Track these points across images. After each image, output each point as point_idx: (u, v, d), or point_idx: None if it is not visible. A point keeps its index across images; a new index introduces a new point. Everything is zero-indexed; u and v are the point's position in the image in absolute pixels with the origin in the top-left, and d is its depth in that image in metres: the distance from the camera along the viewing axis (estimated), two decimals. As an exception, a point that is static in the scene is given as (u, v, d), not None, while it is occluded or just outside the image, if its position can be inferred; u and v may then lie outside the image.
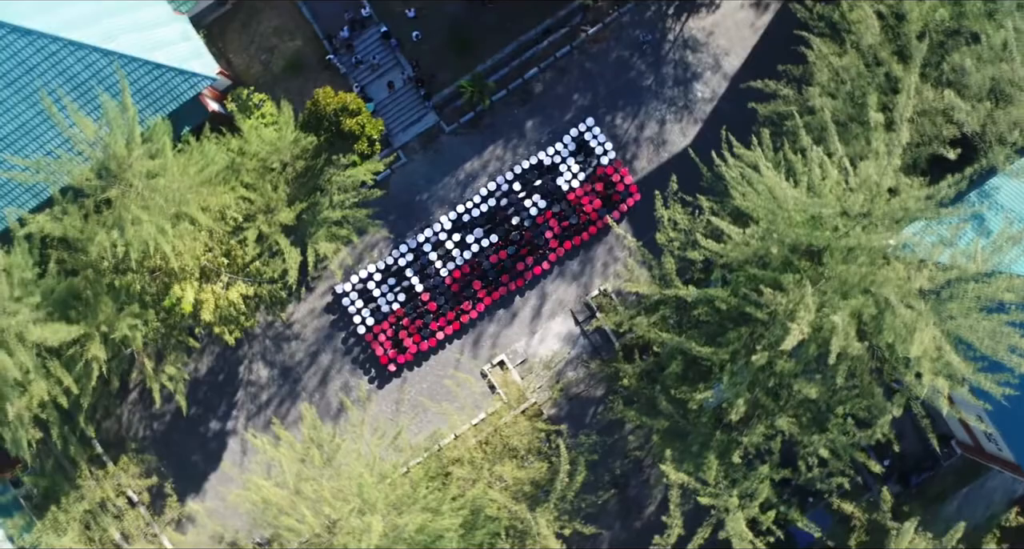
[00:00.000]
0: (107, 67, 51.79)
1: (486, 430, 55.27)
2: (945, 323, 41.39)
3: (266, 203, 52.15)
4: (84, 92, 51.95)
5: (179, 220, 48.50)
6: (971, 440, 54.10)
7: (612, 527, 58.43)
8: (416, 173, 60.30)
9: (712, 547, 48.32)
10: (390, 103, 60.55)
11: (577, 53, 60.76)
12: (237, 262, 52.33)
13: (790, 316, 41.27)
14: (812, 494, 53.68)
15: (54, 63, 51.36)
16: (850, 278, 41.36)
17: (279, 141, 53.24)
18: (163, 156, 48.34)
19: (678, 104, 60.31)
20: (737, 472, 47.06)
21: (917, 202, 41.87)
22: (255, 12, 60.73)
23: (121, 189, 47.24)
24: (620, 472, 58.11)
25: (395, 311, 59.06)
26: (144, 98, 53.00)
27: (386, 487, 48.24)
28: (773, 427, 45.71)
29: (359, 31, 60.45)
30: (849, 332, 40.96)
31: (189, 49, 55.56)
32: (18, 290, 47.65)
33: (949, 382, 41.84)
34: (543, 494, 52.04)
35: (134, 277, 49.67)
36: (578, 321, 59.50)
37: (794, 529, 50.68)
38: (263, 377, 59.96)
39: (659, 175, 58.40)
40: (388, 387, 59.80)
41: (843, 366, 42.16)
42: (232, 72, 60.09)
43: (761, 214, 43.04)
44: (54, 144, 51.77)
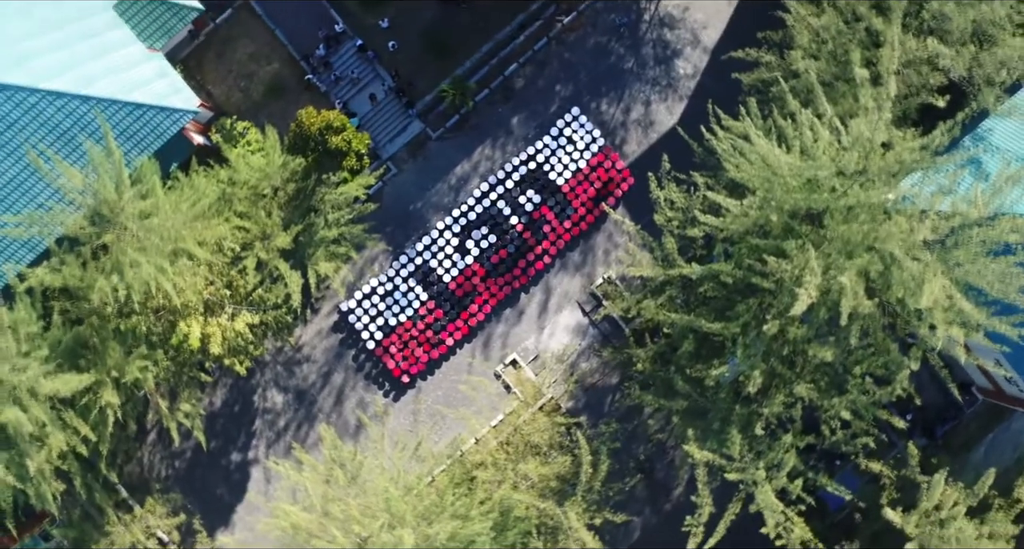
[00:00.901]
0: (88, 113, 49.86)
1: (506, 430, 53.40)
2: (953, 271, 39.70)
3: (262, 230, 50.43)
4: (68, 141, 49.96)
5: (177, 257, 46.80)
6: (991, 385, 52.27)
7: (642, 512, 56.58)
8: (408, 183, 58.43)
9: (744, 521, 46.26)
10: (374, 116, 58.66)
11: (555, 44, 58.95)
12: (239, 292, 50.55)
13: (797, 282, 39.60)
14: (838, 457, 51.93)
15: (35, 115, 49.39)
16: (853, 237, 39.69)
17: (268, 167, 51.57)
18: (154, 195, 46.76)
19: (661, 83, 58.44)
20: (761, 444, 45.15)
21: (912, 153, 40.09)
22: (229, 41, 58.88)
23: (116, 233, 45.66)
24: (644, 457, 56.32)
25: (403, 323, 57.18)
26: (128, 139, 51.12)
27: (413, 499, 46.49)
28: (792, 395, 43.88)
29: (335, 47, 58.55)
30: (858, 291, 39.35)
31: (167, 85, 53.53)
32: (25, 345, 45.74)
33: (964, 330, 40.14)
34: (570, 488, 50.31)
35: (139, 319, 47.86)
36: (585, 312, 57.64)
37: (824, 494, 48.98)
38: (278, 403, 58.07)
39: (650, 156, 56.41)
40: (404, 399, 57.90)
41: (855, 326, 40.40)
42: (213, 103, 58.18)
43: (757, 183, 41.26)
44: (44, 196, 49.73)
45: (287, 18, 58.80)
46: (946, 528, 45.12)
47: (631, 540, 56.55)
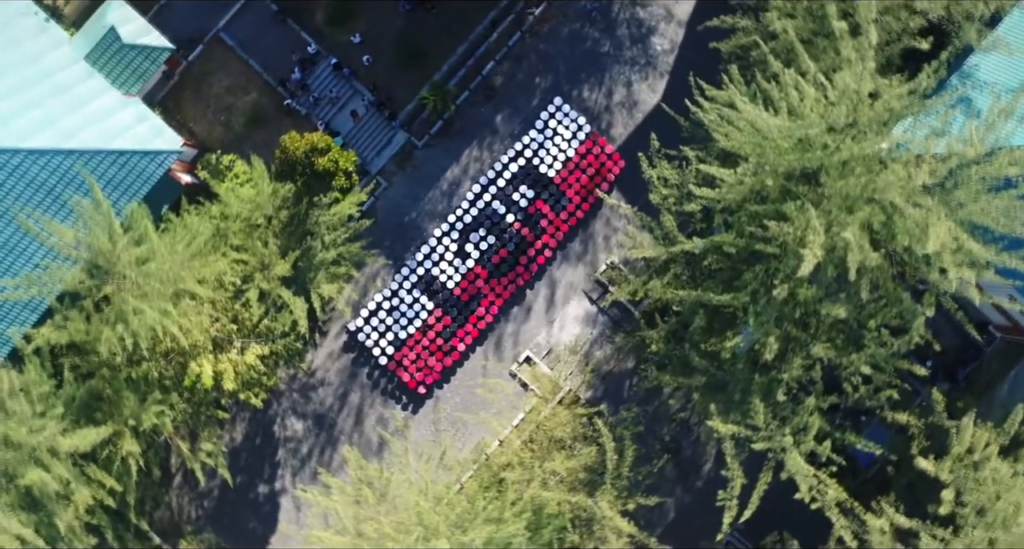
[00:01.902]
0: (72, 167, 47.95)
1: (528, 429, 51.34)
2: (956, 213, 37.56)
3: (260, 260, 48.38)
4: (56, 197, 47.90)
5: (179, 298, 45.04)
6: (1008, 321, 49.93)
7: (674, 492, 54.34)
8: (400, 194, 56.13)
9: (777, 489, 44.00)
10: (357, 132, 56.36)
11: (529, 37, 56.58)
12: (246, 325, 48.42)
13: (800, 243, 37.64)
14: (864, 413, 49.76)
15: (20, 176, 47.39)
16: (851, 191, 37.71)
17: (258, 197, 49.50)
18: (148, 240, 44.95)
19: (640, 62, 56.02)
20: (784, 410, 42.95)
21: (900, 99, 38.04)
22: (204, 76, 56.63)
23: (115, 283, 43.91)
24: (669, 437, 54.07)
25: (412, 334, 54.83)
26: (116, 187, 49.06)
27: (444, 508, 44.48)
28: (810, 357, 41.72)
29: (310, 69, 56.27)
30: (863, 245, 37.34)
31: (148, 129, 51.50)
32: (39, 406, 43.86)
33: (974, 270, 37.99)
34: (599, 477, 48.25)
35: (149, 365, 45.84)
36: (593, 300, 55.27)
37: (854, 451, 46.85)
38: (299, 430, 55.72)
39: (638, 137, 53.98)
40: (423, 410, 55.56)
41: (865, 280, 38.41)
42: (196, 140, 55.90)
43: (748, 150, 39.14)
44: (40, 256, 47.66)
45: (259, 46, 56.58)
46: (980, 470, 42.85)
47: (666, 521, 54.28)
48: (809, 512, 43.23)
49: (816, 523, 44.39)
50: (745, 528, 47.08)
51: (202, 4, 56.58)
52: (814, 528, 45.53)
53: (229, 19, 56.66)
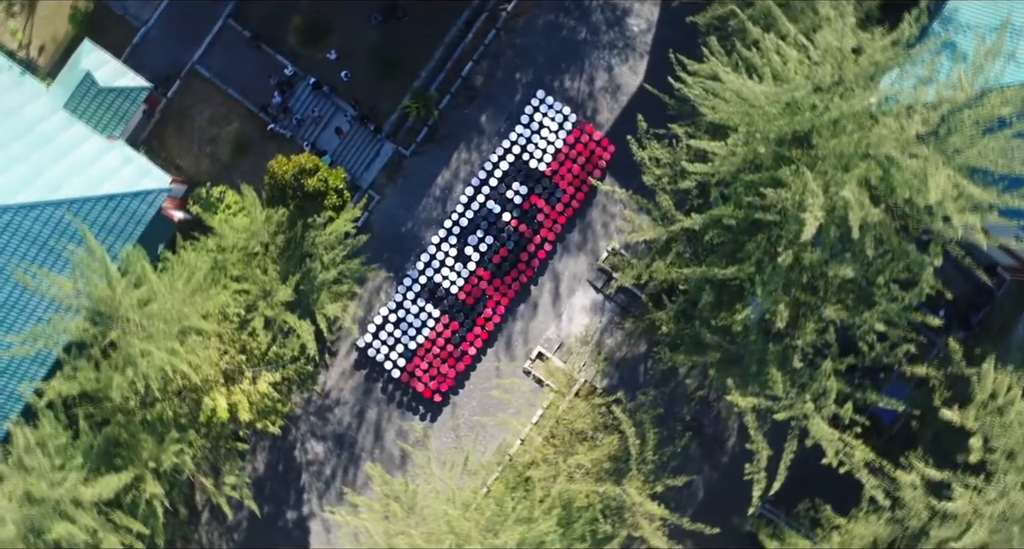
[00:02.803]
0: (63, 217, 45.93)
1: (548, 424, 49.15)
2: (953, 159, 35.76)
3: (261, 288, 46.36)
4: (51, 248, 45.95)
5: (185, 336, 43.16)
6: (1016, 262, 47.90)
7: (701, 470, 52.27)
8: (393, 206, 54.02)
9: (804, 457, 42.06)
10: (344, 149, 54.29)
11: (504, 33, 54.35)
12: (255, 354, 46.47)
13: (800, 207, 36.04)
14: (882, 370, 47.74)
15: (13, 231, 45.46)
16: (845, 150, 35.96)
17: (252, 225, 47.63)
18: (147, 282, 43.22)
19: (619, 45, 53.79)
20: (802, 377, 41.10)
21: (884, 52, 36.23)
22: (184, 111, 54.53)
23: (120, 327, 42.15)
24: (690, 416, 52.03)
25: (422, 344, 52.68)
26: (109, 232, 47.13)
27: (473, 514, 42.75)
28: (822, 320, 39.95)
29: (289, 92, 54.19)
30: (862, 201, 35.59)
31: (135, 170, 49.50)
32: (58, 458, 42.10)
33: (978, 214, 36.14)
34: (624, 465, 46.36)
35: (163, 405, 44.01)
36: (598, 288, 53.13)
37: (876, 410, 45.03)
38: (320, 453, 53.58)
39: (625, 120, 51.84)
40: (441, 418, 53.44)
41: (868, 236, 36.68)
42: (184, 176, 53.84)
43: (737, 120, 37.29)
44: (42, 309, 45.82)
45: (236, 75, 54.48)
46: (1006, 415, 41.11)
47: (696, 500, 52.27)
48: (839, 476, 41.41)
49: (847, 486, 42.56)
50: (776, 499, 45.05)
51: (174, 39, 54.58)
52: (845, 491, 43.71)
53: (203, 51, 54.57)
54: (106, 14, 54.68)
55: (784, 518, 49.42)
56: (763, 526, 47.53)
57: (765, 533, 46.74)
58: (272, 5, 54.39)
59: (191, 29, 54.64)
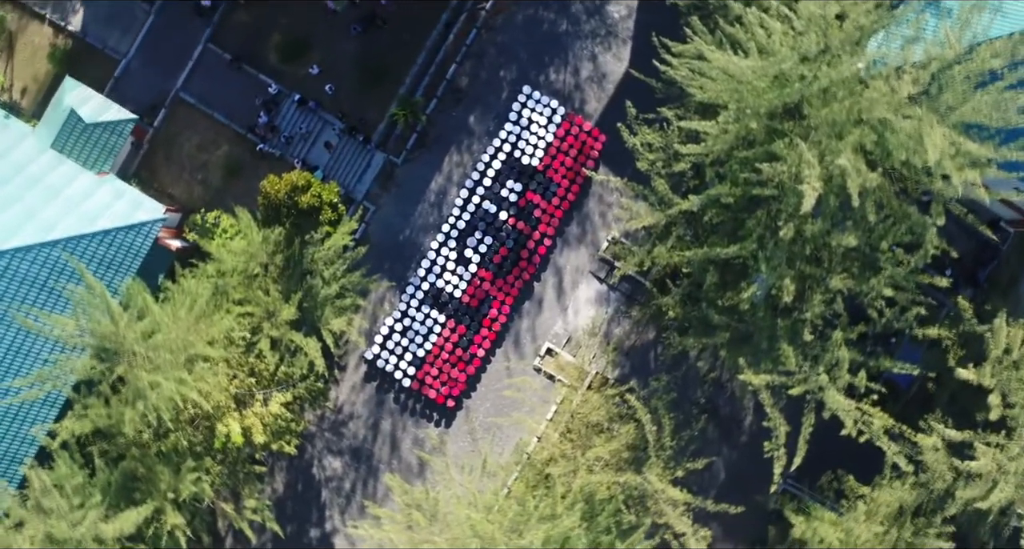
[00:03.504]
0: (60, 257, 44.37)
1: (563, 420, 47.46)
2: (947, 117, 34.18)
3: (264, 309, 44.82)
4: (50, 290, 44.46)
5: (193, 364, 41.65)
6: (1018, 214, 46.32)
7: (720, 452, 50.56)
8: (389, 215, 52.31)
9: (823, 429, 40.53)
10: (335, 163, 52.64)
11: (485, 32, 52.51)
12: (264, 376, 44.86)
13: (797, 179, 34.41)
14: (893, 335, 46.05)
15: (11, 276, 43.95)
16: (837, 117, 34.39)
17: (249, 247, 45.98)
18: (149, 313, 41.71)
19: (600, 33, 51.97)
20: (814, 349, 39.54)
21: (868, 15, 34.60)
22: (172, 139, 52.90)
23: (127, 362, 40.62)
24: (704, 398, 50.33)
25: (430, 350, 50.94)
26: (108, 267, 45.59)
27: (496, 515, 41.26)
28: (828, 291, 38.40)
29: (275, 110, 52.52)
30: (859, 168, 34.09)
31: (128, 203, 47.89)
32: (76, 498, 40.62)
33: (977, 170, 34.58)
34: (643, 453, 44.84)
35: (177, 435, 42.50)
36: (601, 279, 51.39)
37: (890, 376, 43.26)
38: (338, 468, 51.83)
39: (614, 108, 50.21)
40: (455, 423, 51.67)
41: (869, 202, 35.12)
42: (178, 204, 52.19)
43: (726, 98, 35.77)
44: (47, 351, 44.27)
45: (220, 98, 52.82)
46: (1022, 369, 40.01)
47: (718, 481, 50.67)
48: (859, 445, 39.93)
49: (868, 454, 41.21)
50: (798, 473, 43.62)
51: (156, 69, 52.96)
52: (867, 459, 42.42)
53: (185, 77, 52.93)
54: (85, 49, 53.14)
55: (808, 492, 47.94)
56: (787, 502, 46.15)
57: (790, 509, 45.38)
58: (250, 25, 52.76)
59: (171, 57, 53.02)
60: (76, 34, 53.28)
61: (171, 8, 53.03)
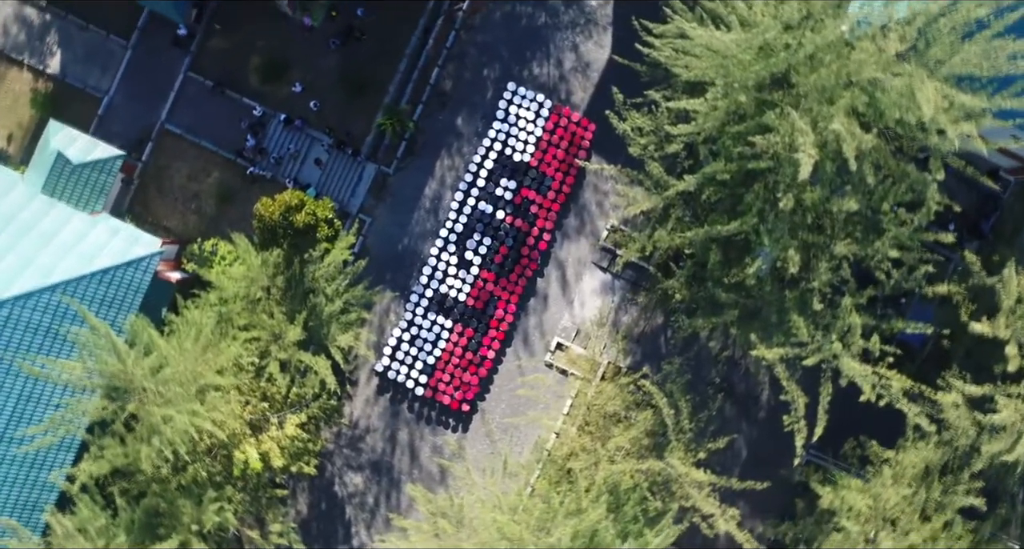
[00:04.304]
0: (60, 300, 42.74)
1: (580, 413, 45.76)
2: (937, 71, 32.61)
3: (270, 332, 43.19)
4: (55, 334, 42.86)
5: (204, 394, 40.17)
6: (1016, 161, 44.47)
7: (740, 429, 48.72)
8: (386, 225, 50.58)
9: (841, 397, 38.87)
10: (327, 179, 50.94)
11: (464, 33, 50.67)
12: (276, 399, 43.26)
13: (792, 149, 32.94)
14: (902, 296, 44.37)
15: (14, 324, 42.41)
16: (826, 83, 32.83)
17: (249, 272, 44.30)
18: (156, 348, 40.22)
19: (580, 23, 50.13)
20: (824, 318, 37.96)
21: (847, -25, 33.07)
22: (162, 171, 51.27)
23: (137, 399, 39.16)
24: (719, 378, 48.55)
25: (440, 357, 49.16)
26: (110, 306, 43.99)
27: (522, 515, 39.73)
28: (834, 258, 36.91)
29: (262, 132, 50.86)
30: (853, 131, 32.62)
31: (124, 239, 46.22)
32: (100, 540, 39.43)
33: (971, 121, 33.08)
34: (663, 438, 43.23)
35: (195, 467, 40.83)
36: (605, 269, 49.55)
37: (904, 336, 41.93)
38: (359, 483, 50.04)
39: (600, 96, 48.42)
40: (472, 427, 49.82)
41: (866, 164, 33.69)
42: (174, 236, 50.54)
43: (712, 74, 34.21)
44: (57, 396, 42.81)
45: (206, 126, 51.16)
46: (1036, 317, 38.27)
47: (741, 459, 48.88)
48: (879, 409, 38.22)
49: (890, 417, 39.54)
50: (820, 444, 42.47)
51: (139, 103, 51.37)
52: (889, 423, 40.91)
53: (169, 108, 51.32)
54: (66, 91, 51.57)
55: (832, 461, 46.28)
56: (812, 473, 44.55)
57: (815, 480, 43.79)
58: (228, 50, 51.08)
59: (153, 89, 51.43)
60: (56, 77, 51.77)
61: (148, 41, 51.46)
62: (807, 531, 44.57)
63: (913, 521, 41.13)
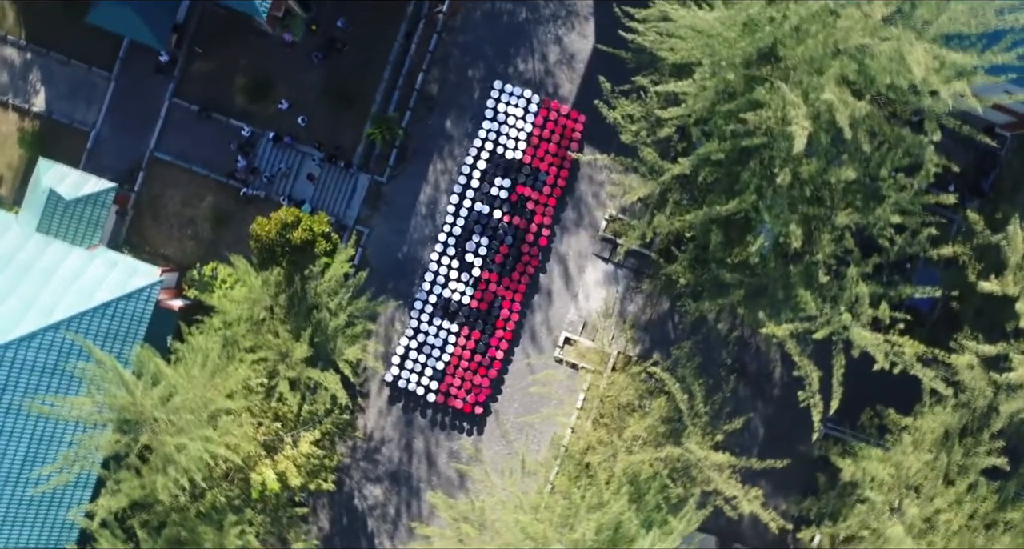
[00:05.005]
0: (64, 338, 41.32)
1: (593, 406, 44.43)
2: (925, 32, 31.43)
3: (277, 352, 41.96)
4: (61, 372, 41.42)
5: (215, 419, 38.90)
6: (1012, 117, 43.13)
7: (755, 408, 47.31)
8: (384, 234, 49.12)
9: (855, 368, 37.41)
10: (321, 193, 49.50)
11: (446, 35, 49.19)
12: (288, 418, 41.96)
13: (784, 122, 31.72)
14: (908, 261, 43.09)
15: (19, 366, 40.95)
16: (814, 53, 31.51)
17: (251, 293, 43.07)
18: (163, 377, 38.98)
19: (561, 15, 48.66)
20: (831, 290, 36.69)
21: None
22: (155, 200, 49.80)
23: (149, 429, 38.03)
24: (730, 358, 47.13)
25: (449, 361, 47.73)
26: (115, 339, 42.58)
27: (544, 513, 38.53)
28: (836, 229, 35.61)
29: (252, 152, 49.44)
30: (845, 99, 31.30)
31: (123, 271, 44.74)
32: None
33: (963, 79, 31.72)
34: (679, 424, 41.91)
35: (213, 493, 39.57)
36: (606, 259, 48.10)
37: (912, 301, 40.83)
38: (379, 495, 48.56)
39: (588, 87, 47.01)
40: (487, 429, 48.35)
41: (861, 132, 32.49)
42: (173, 264, 49.11)
43: (699, 54, 32.99)
44: (69, 433, 41.36)
45: (196, 151, 49.69)
46: (1044, 272, 36.99)
47: (758, 438, 47.51)
48: (894, 377, 36.97)
49: (905, 384, 38.26)
50: (837, 416, 40.66)
51: (127, 133, 49.90)
52: (905, 390, 39.57)
53: (157, 136, 49.84)
54: (53, 128, 50.10)
55: (850, 433, 44.92)
56: (831, 446, 43.31)
57: (835, 453, 42.60)
58: (211, 73, 49.67)
59: (140, 119, 49.94)
60: (42, 114, 50.29)
61: (130, 71, 49.98)
62: (831, 505, 43.33)
63: (937, 486, 39.91)
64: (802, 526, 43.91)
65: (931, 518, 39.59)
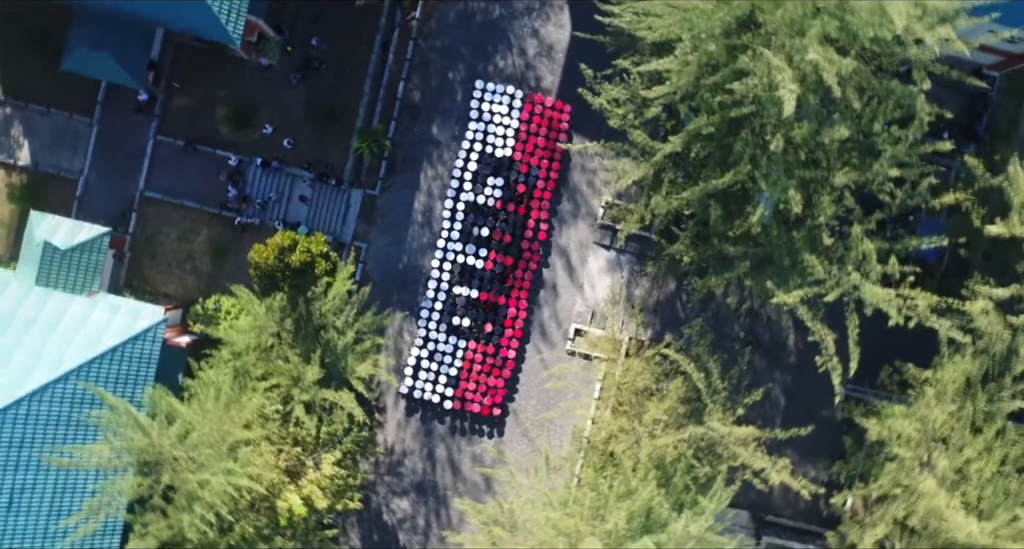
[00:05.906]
0: (76, 387, 39.53)
1: (611, 395, 42.84)
2: None
3: (289, 377, 40.22)
4: (76, 422, 39.66)
5: (235, 451, 37.04)
6: (999, 56, 41.41)
7: (774, 378, 45.62)
8: (383, 247, 47.42)
9: (869, 327, 35.90)
10: (315, 213, 47.82)
11: (422, 41, 47.45)
12: (307, 442, 40.14)
13: (772, 87, 30.21)
14: (910, 214, 41.40)
15: (33, 421, 39.16)
16: (793, 15, 30.17)
17: (256, 321, 41.29)
18: (179, 416, 37.37)
19: (535, 7, 47.03)
20: (837, 251, 35.28)
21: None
22: (151, 239, 48.05)
23: (170, 469, 36.33)
24: (743, 331, 45.45)
25: (462, 367, 46.02)
26: (126, 382, 40.76)
27: (574, 508, 36.85)
28: (835, 189, 34.16)
29: (241, 180, 47.64)
30: (830, 57, 29.80)
31: (126, 314, 42.89)
32: None
33: (948, 24, 30.19)
34: (698, 403, 40.35)
35: (241, 525, 37.68)
36: (608, 246, 46.38)
37: (919, 253, 39.46)
38: (407, 507, 46.91)
39: (570, 76, 45.35)
40: (507, 430, 46.66)
41: (849, 89, 31.09)
42: (175, 301, 47.39)
43: (678, 30, 31.50)
44: (91, 482, 39.52)
45: (185, 185, 47.94)
46: (1049, 209, 35.51)
47: (780, 408, 45.79)
48: (909, 331, 35.45)
49: (921, 338, 36.78)
50: (856, 378, 39.51)
51: (115, 176, 48.07)
52: (921, 344, 38.03)
53: (146, 176, 47.98)
54: (41, 179, 48.29)
55: (871, 392, 43.29)
56: (854, 408, 41.75)
57: (858, 414, 41.05)
58: (192, 106, 47.87)
59: (126, 160, 48.08)
60: (28, 167, 48.47)
61: (111, 113, 48.16)
62: (860, 466, 41.78)
63: (964, 436, 38.33)
64: (833, 491, 42.36)
65: (962, 468, 38.10)
